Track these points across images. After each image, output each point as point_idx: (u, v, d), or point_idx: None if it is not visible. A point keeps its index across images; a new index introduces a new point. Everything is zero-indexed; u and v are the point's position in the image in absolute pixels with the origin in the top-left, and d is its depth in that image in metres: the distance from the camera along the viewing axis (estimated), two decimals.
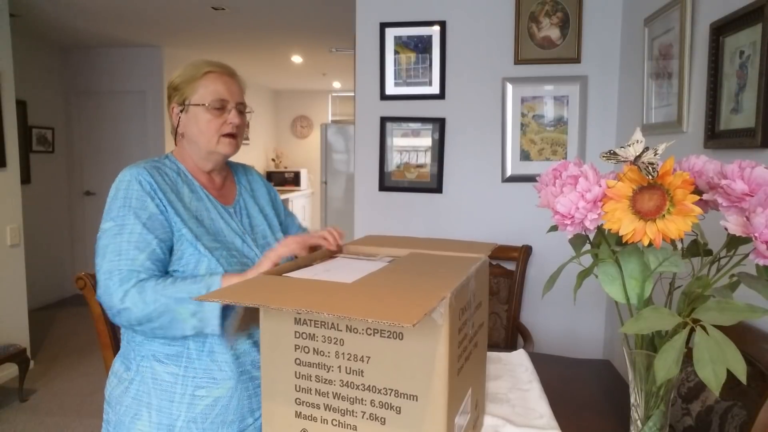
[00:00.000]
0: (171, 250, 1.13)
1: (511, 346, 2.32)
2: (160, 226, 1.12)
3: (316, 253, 1.12)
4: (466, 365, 0.87)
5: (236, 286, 0.84)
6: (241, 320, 1.14)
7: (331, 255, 1.14)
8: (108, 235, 1.11)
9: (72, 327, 4.42)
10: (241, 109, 1.26)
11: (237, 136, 1.25)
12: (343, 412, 0.82)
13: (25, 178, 4.53)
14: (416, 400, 0.78)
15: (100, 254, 1.11)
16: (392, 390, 0.79)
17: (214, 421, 1.11)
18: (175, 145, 1.29)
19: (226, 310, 1.08)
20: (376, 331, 0.78)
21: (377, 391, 0.80)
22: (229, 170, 1.37)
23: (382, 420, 0.80)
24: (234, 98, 1.24)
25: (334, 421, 0.83)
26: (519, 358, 1.40)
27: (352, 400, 0.81)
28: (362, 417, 0.81)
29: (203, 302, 1.05)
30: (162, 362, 1.13)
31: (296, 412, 0.85)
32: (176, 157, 1.27)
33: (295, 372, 0.84)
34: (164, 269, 1.13)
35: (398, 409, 0.79)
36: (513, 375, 1.29)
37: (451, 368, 0.78)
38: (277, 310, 0.82)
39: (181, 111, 1.23)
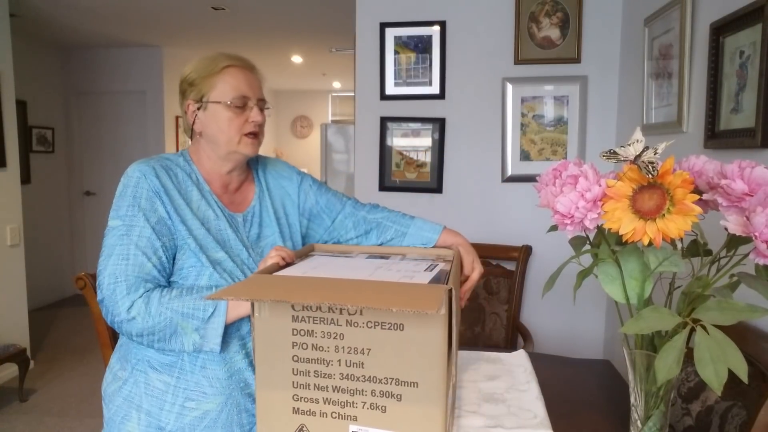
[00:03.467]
0: (174, 258, 1.10)
1: (511, 346, 2.31)
2: (167, 231, 1.09)
3: (295, 252, 1.13)
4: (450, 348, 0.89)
5: (246, 285, 0.84)
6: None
7: (306, 253, 1.15)
8: (115, 235, 1.07)
9: (72, 327, 4.41)
10: (262, 106, 1.18)
11: (259, 134, 1.18)
12: (343, 404, 0.83)
13: (25, 178, 4.53)
14: (417, 386, 0.79)
15: (105, 253, 1.07)
16: (393, 379, 0.80)
17: None
18: (191, 142, 1.22)
19: (228, 329, 1.06)
20: (377, 323, 0.80)
21: (378, 381, 0.81)
22: (249, 171, 1.28)
23: (383, 408, 0.81)
24: (255, 94, 1.17)
25: (333, 414, 0.84)
26: (518, 358, 1.40)
27: (352, 391, 0.82)
28: (362, 407, 0.82)
29: (206, 318, 1.03)
30: (156, 370, 1.11)
31: (294, 408, 0.85)
32: (191, 157, 1.20)
33: (293, 368, 0.84)
34: (168, 277, 1.10)
35: (399, 396, 0.80)
36: (511, 375, 1.29)
37: (448, 353, 0.80)
38: (298, 305, 0.82)
39: (198, 108, 1.16)
